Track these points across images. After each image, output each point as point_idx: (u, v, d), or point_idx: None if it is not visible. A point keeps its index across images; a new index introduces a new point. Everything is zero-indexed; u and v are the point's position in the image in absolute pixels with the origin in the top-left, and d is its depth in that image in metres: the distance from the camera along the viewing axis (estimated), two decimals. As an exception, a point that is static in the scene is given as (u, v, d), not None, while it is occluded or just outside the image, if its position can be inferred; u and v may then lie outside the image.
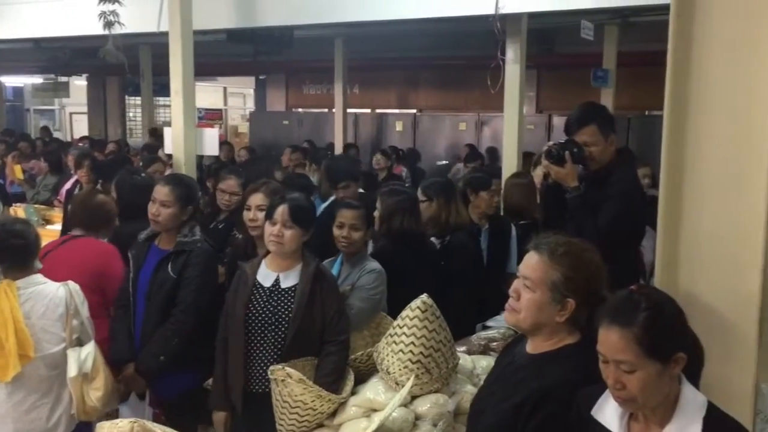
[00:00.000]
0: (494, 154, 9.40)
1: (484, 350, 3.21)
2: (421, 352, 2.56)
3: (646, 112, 10.37)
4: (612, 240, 2.82)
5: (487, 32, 5.41)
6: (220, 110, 17.38)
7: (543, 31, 9.62)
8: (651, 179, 5.27)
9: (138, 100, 12.83)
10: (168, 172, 5.58)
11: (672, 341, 1.64)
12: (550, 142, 3.28)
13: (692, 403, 1.65)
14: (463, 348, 3.14)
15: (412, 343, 2.57)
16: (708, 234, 2.09)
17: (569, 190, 3.13)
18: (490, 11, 5.19)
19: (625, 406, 1.69)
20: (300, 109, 14.04)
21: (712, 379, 2.09)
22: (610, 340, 1.65)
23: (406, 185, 6.33)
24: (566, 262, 1.95)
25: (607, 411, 1.74)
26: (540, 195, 3.62)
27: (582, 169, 3.24)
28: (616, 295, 1.75)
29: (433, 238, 3.99)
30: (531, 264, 1.98)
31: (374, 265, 3.32)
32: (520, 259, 2.08)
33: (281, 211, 2.83)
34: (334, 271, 3.40)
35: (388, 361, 2.61)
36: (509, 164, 6.10)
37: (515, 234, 4.35)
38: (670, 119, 2.11)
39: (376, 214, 3.62)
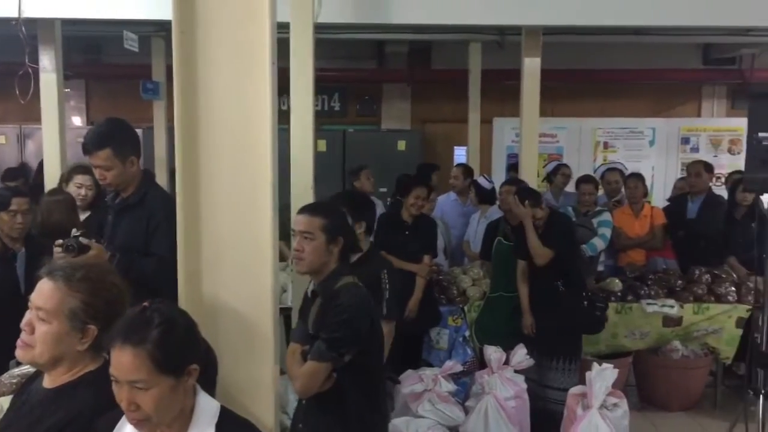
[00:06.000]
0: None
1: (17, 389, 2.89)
2: None
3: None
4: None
5: (19, 37, 4.94)
6: None
7: (90, 39, 9.18)
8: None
9: None
10: None
11: (185, 354, 1.68)
12: None
13: (206, 412, 1.71)
14: (-11, 391, 2.78)
15: None
16: (226, 242, 2.19)
17: None
18: (14, 14, 4.73)
19: (140, 426, 1.66)
20: None
21: (242, 377, 2.21)
22: (123, 361, 1.61)
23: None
24: (85, 287, 1.87)
25: (126, 434, 1.71)
26: None
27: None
28: (128, 312, 1.73)
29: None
30: (45, 293, 1.85)
31: None
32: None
33: None
34: None
35: None
36: (51, 179, 5.61)
37: (61, 254, 4.04)
38: (181, 134, 2.15)
39: None
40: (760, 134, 3.65)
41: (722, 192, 6.68)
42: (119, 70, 9.25)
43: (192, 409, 1.70)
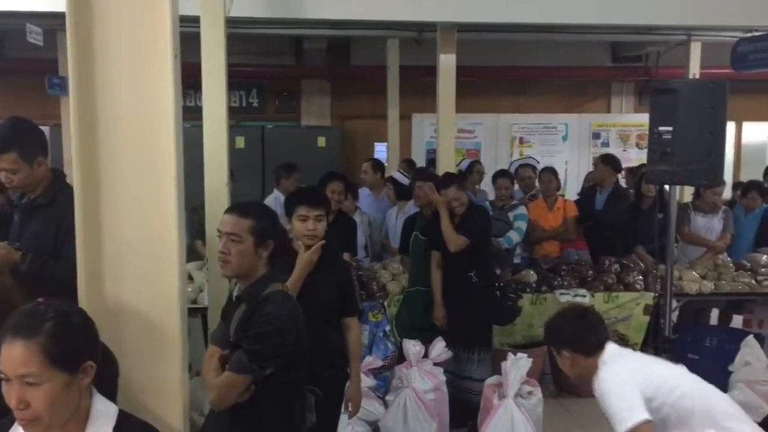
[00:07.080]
0: None
1: None
2: None
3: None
4: None
5: None
6: None
7: (-9, 33, 8.75)
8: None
9: None
10: None
11: (80, 350, 1.62)
12: None
13: (103, 414, 1.65)
14: None
15: None
16: (130, 243, 2.13)
17: None
18: None
19: (31, 428, 1.59)
20: None
21: (149, 380, 2.15)
22: (13, 354, 1.55)
23: None
24: None
25: (18, 442, 1.63)
26: None
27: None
28: (21, 308, 1.66)
29: None
30: None
31: None
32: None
33: None
34: None
35: None
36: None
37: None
38: (78, 131, 2.07)
39: None
40: (660, 128, 3.80)
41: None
42: (23, 65, 8.85)
43: (88, 412, 1.63)
